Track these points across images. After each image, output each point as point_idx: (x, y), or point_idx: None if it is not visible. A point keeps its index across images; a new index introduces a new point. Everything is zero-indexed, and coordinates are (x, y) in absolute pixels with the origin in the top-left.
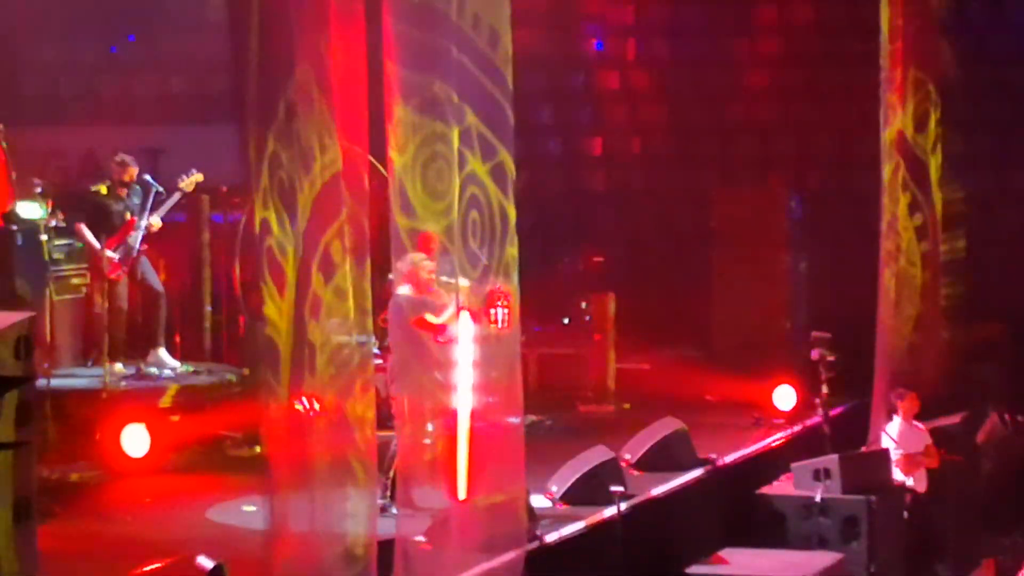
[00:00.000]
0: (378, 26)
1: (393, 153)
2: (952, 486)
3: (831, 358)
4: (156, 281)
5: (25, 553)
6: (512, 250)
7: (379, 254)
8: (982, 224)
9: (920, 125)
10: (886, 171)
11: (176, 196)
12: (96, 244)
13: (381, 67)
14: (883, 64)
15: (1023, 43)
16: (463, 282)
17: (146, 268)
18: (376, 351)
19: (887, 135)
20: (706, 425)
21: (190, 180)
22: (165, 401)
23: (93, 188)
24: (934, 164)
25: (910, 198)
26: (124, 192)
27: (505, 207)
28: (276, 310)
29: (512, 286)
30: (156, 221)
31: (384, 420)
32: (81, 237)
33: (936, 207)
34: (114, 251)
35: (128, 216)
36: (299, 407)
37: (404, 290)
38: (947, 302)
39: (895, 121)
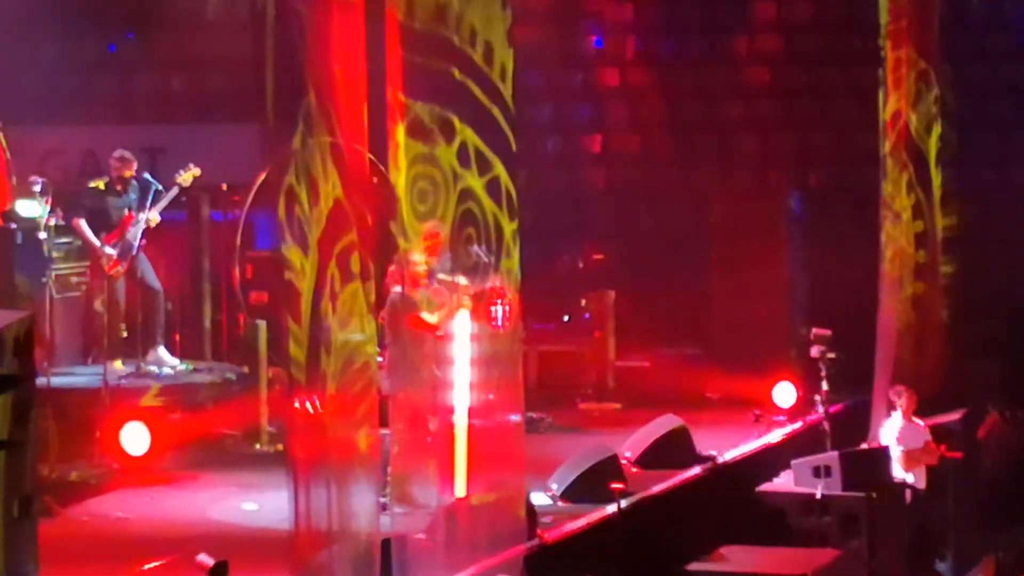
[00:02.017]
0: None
1: (393, 175)
2: (952, 483)
3: (831, 355)
4: (155, 280)
5: (20, 552)
6: (508, 263)
7: (379, 252)
8: (981, 221)
9: (917, 104)
10: (884, 149)
11: (174, 191)
12: (95, 240)
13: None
14: (882, 44)
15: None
16: (461, 280)
17: (145, 266)
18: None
19: (885, 113)
20: (706, 422)
21: (187, 175)
22: (147, 400)
23: (91, 184)
24: (932, 140)
25: (908, 177)
26: (122, 188)
27: (500, 220)
28: (296, 345)
29: (512, 293)
30: (155, 216)
31: (383, 418)
32: (79, 233)
33: (934, 185)
34: (112, 247)
35: (126, 212)
36: (298, 406)
37: (397, 289)
38: (946, 282)
39: (893, 100)
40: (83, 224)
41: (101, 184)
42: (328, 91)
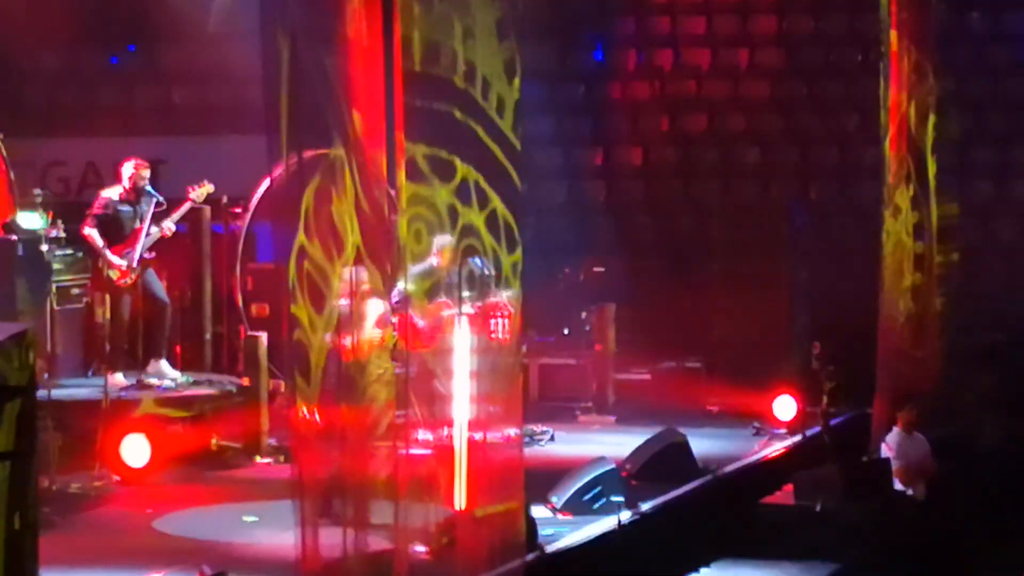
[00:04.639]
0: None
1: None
2: (952, 496)
3: (831, 368)
4: (162, 292)
5: (21, 564)
6: (508, 293)
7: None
8: (981, 234)
9: (912, 94)
10: (885, 146)
11: (187, 205)
12: (105, 250)
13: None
14: (882, 38)
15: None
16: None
17: (152, 279)
18: None
19: (886, 104)
20: (706, 435)
21: (201, 191)
22: (144, 407)
23: (104, 193)
24: (928, 130)
25: (906, 168)
26: (135, 197)
27: (499, 254)
28: (307, 404)
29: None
30: (169, 225)
31: None
32: (90, 243)
33: (929, 175)
34: (123, 257)
35: (137, 224)
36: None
37: (343, 303)
38: (941, 271)
39: (892, 91)
40: (94, 234)
41: (115, 193)
42: (352, 139)
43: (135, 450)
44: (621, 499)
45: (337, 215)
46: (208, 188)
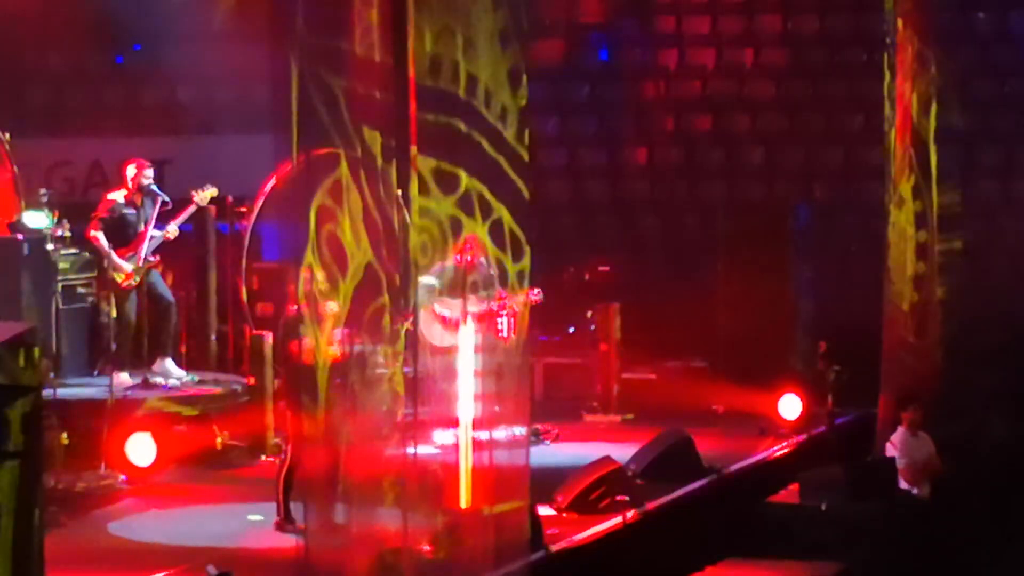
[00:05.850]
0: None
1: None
2: (958, 495)
3: (837, 368)
4: (167, 291)
5: (27, 563)
6: (513, 304)
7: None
8: (986, 234)
9: (914, 84)
10: (891, 137)
11: (191, 208)
12: (112, 253)
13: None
14: (888, 29)
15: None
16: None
17: (156, 279)
18: None
19: (891, 95)
20: (712, 435)
21: (205, 194)
22: (150, 404)
23: (109, 195)
24: (930, 120)
25: (909, 158)
26: (139, 199)
27: (503, 262)
28: (314, 423)
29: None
30: (173, 229)
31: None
32: (97, 245)
33: (931, 164)
34: (128, 260)
35: (142, 226)
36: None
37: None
38: (943, 260)
39: (897, 81)
40: (100, 237)
41: (119, 196)
42: (362, 155)
43: (140, 449)
44: (626, 498)
45: (342, 236)
46: (212, 191)
